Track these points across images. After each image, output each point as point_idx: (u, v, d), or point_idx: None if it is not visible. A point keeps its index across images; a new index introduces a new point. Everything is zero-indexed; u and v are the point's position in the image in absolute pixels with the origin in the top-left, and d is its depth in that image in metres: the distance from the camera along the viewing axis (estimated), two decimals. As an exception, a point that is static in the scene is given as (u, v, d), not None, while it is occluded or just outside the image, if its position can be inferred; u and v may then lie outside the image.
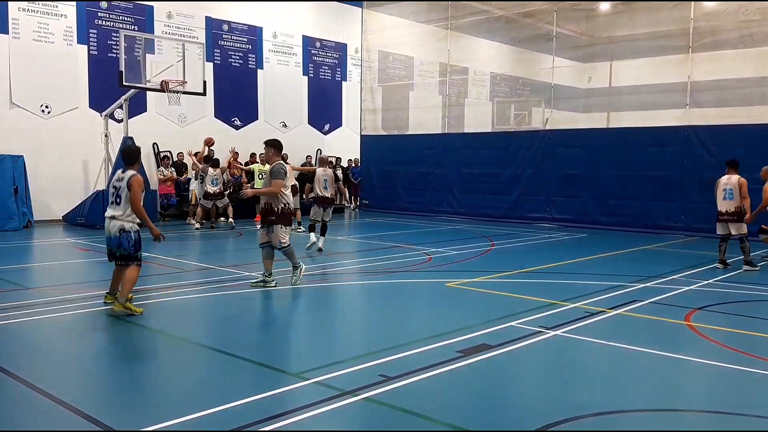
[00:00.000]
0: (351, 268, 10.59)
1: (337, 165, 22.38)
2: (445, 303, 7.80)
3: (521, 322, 6.59)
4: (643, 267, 10.39)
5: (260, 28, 20.92)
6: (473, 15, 20.46)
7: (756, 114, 14.72)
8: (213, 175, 15.37)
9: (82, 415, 4.11)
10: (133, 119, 16.24)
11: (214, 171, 15.46)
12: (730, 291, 8.55)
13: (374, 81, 22.40)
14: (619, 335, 6.19)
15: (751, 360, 5.47)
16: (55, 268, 10.07)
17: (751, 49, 15.32)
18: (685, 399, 4.79)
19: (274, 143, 8.34)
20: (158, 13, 18.30)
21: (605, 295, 8.02)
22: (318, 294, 8.35)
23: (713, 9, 16.20)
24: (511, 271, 9.87)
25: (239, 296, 7.87)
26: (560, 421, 4.09)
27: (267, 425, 3.95)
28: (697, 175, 15.09)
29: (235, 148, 17.60)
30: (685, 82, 15.62)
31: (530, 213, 17.84)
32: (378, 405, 4.33)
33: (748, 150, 14.42)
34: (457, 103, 21.52)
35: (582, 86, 19.33)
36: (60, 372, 5.14)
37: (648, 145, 15.74)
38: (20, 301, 7.36)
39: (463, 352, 5.48)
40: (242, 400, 4.34)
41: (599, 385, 4.95)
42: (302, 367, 5.07)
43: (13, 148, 15.08)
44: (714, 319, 7.04)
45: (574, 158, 17.05)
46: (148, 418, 4.06)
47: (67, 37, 16.61)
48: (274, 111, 21.31)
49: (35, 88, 16.04)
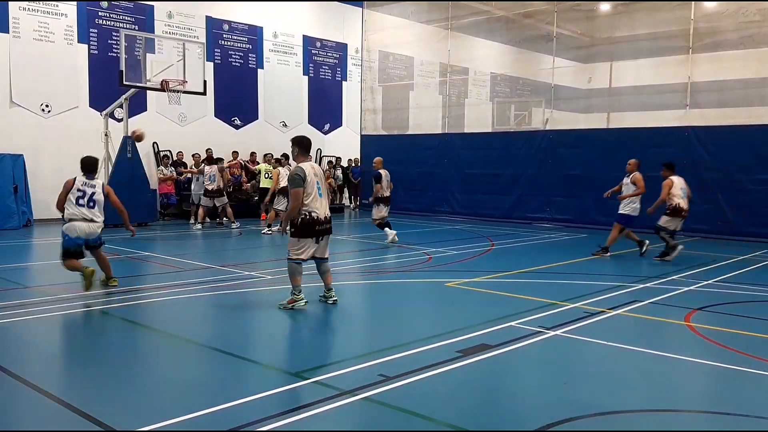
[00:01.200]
0: (351, 267, 10.59)
1: (337, 165, 22.42)
2: (444, 303, 7.80)
3: (521, 322, 6.59)
4: (643, 267, 10.39)
5: (260, 28, 20.92)
6: (473, 15, 20.47)
7: (756, 115, 14.72)
8: (210, 172, 15.34)
9: (82, 415, 4.11)
10: (133, 118, 16.25)
11: (210, 168, 15.43)
12: (729, 291, 8.54)
13: (374, 81, 22.40)
14: (618, 335, 6.19)
15: (750, 360, 5.47)
16: (55, 267, 10.05)
17: (752, 50, 15.31)
18: (685, 399, 4.79)
19: (300, 141, 7.20)
20: (159, 13, 18.31)
21: (605, 296, 8.02)
22: (318, 293, 8.34)
23: (713, 10, 16.19)
24: (511, 271, 9.87)
25: (239, 296, 7.87)
26: (560, 421, 4.09)
27: (267, 425, 3.94)
28: (697, 175, 15.06)
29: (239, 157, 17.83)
30: (685, 83, 15.61)
31: (530, 213, 17.84)
32: (378, 405, 4.33)
33: (748, 151, 14.44)
34: (457, 104, 21.53)
35: (582, 87, 19.32)
36: (60, 371, 5.14)
37: (648, 145, 15.72)
38: (20, 300, 7.36)
39: (463, 352, 5.48)
40: (242, 400, 4.34)
41: (599, 385, 4.95)
42: (302, 367, 5.07)
43: (13, 147, 15.09)
44: (714, 319, 7.03)
45: (574, 158, 17.04)
46: (148, 418, 4.06)
47: (68, 36, 16.62)
48: (274, 111, 21.31)
49: (35, 87, 16.04)
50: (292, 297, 7.07)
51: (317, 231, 6.97)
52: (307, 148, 7.21)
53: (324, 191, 7.05)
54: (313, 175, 6.92)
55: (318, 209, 6.94)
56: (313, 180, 6.91)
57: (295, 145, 7.17)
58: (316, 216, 6.92)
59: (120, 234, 13.65)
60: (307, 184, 6.87)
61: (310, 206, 6.89)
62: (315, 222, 6.91)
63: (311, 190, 6.89)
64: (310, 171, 6.94)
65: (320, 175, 7.10)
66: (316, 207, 6.93)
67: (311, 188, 6.88)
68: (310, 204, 6.89)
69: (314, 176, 6.94)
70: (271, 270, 9.49)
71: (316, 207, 6.92)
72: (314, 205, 6.91)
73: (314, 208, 6.91)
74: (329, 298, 7.37)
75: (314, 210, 6.91)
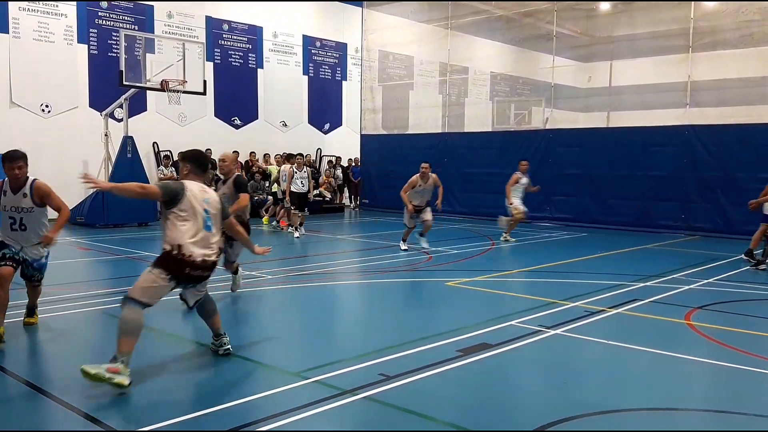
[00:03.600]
0: (351, 267, 10.60)
1: (336, 164, 22.41)
2: (445, 302, 7.80)
3: (521, 321, 6.59)
4: (643, 266, 10.39)
5: (260, 28, 20.92)
6: (473, 14, 20.46)
7: (756, 113, 14.71)
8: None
9: (82, 415, 4.12)
10: (133, 118, 16.25)
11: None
12: (730, 290, 8.54)
13: (374, 80, 22.39)
14: (619, 334, 6.19)
15: (751, 359, 5.46)
16: (55, 266, 10.03)
17: (752, 49, 15.31)
18: (685, 398, 4.79)
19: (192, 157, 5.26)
20: (158, 13, 18.31)
21: (605, 294, 8.02)
22: (318, 293, 8.34)
23: (713, 9, 16.19)
24: (511, 270, 9.86)
25: (238, 296, 7.86)
26: (560, 420, 4.09)
27: (267, 425, 3.95)
28: (696, 174, 15.10)
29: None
30: (685, 82, 15.61)
31: (530, 212, 17.80)
32: (378, 404, 4.33)
33: (748, 149, 14.44)
34: (457, 103, 21.52)
35: (582, 86, 19.31)
36: (60, 371, 5.14)
37: (648, 144, 15.74)
38: (20, 300, 7.35)
39: (463, 351, 5.48)
40: (242, 400, 4.34)
41: (599, 384, 4.95)
42: (302, 367, 5.07)
43: (13, 147, 14.87)
44: (714, 318, 7.03)
45: (574, 158, 17.04)
46: (148, 418, 4.06)
47: (68, 36, 16.62)
48: (274, 110, 21.31)
49: (35, 87, 16.04)
50: (113, 366, 4.46)
51: (185, 275, 4.82)
52: (201, 167, 5.20)
53: (216, 227, 5.00)
54: (198, 201, 4.88)
55: (195, 248, 4.78)
56: (198, 207, 4.86)
57: (186, 161, 5.19)
58: (190, 256, 4.75)
59: (120, 234, 13.67)
60: (185, 204, 4.82)
61: (184, 239, 4.75)
62: (185, 263, 4.76)
63: (190, 217, 4.82)
64: (197, 193, 4.93)
65: (214, 206, 5.03)
66: (195, 242, 4.80)
67: (192, 215, 4.82)
68: (185, 236, 4.76)
69: (202, 203, 4.90)
70: (271, 270, 9.49)
71: (193, 242, 4.79)
72: (191, 238, 4.79)
73: (189, 243, 4.77)
74: (221, 347, 5.33)
75: (188, 246, 4.76)
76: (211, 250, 4.94)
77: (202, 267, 4.88)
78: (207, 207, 4.97)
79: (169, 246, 4.79)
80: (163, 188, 4.90)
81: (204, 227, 4.90)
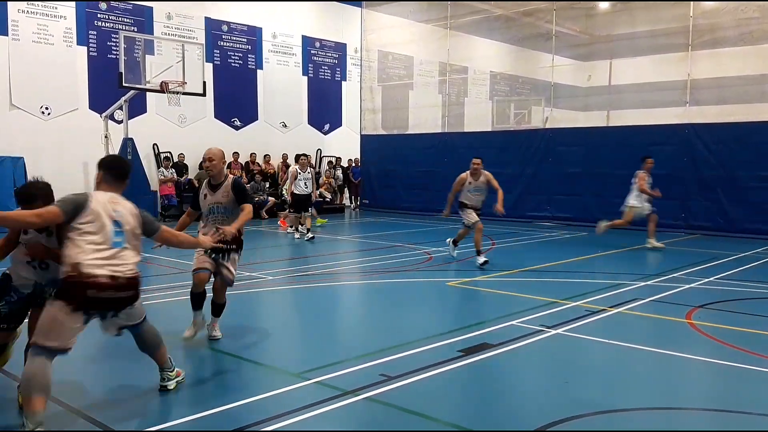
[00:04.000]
0: (351, 267, 10.59)
1: (337, 165, 22.41)
2: (445, 302, 7.80)
3: (522, 321, 6.58)
4: (644, 265, 10.38)
5: (260, 29, 20.92)
6: (473, 14, 20.46)
7: (756, 112, 14.71)
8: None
9: (82, 415, 4.11)
10: (133, 120, 16.26)
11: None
12: (730, 289, 8.54)
13: (374, 81, 22.39)
14: (619, 334, 6.19)
15: (752, 358, 5.46)
16: (56, 269, 10.06)
17: (751, 47, 15.31)
18: (686, 397, 4.79)
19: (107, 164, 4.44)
20: (158, 14, 18.30)
21: (606, 294, 8.02)
22: (318, 293, 8.34)
23: (713, 7, 16.19)
24: (512, 270, 9.86)
25: (238, 296, 7.86)
26: (561, 419, 4.09)
27: (267, 425, 3.95)
28: (696, 173, 15.09)
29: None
30: (684, 80, 15.60)
31: (530, 212, 17.81)
32: (379, 405, 4.33)
33: (748, 147, 14.43)
34: (456, 103, 21.51)
35: (582, 85, 19.32)
36: (59, 372, 5.12)
37: (648, 143, 15.70)
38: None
39: (464, 352, 5.48)
40: (242, 401, 4.34)
41: (600, 384, 4.95)
42: (302, 367, 5.07)
43: (13, 149, 15.08)
44: (715, 316, 7.03)
45: (574, 157, 17.03)
46: (148, 418, 4.06)
47: (67, 38, 16.61)
48: (273, 111, 21.30)
49: (35, 89, 16.03)
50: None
51: (91, 300, 3.91)
52: (118, 176, 4.39)
53: (130, 244, 4.14)
54: (107, 213, 4.06)
55: (97, 267, 3.89)
56: (105, 219, 4.03)
57: (100, 168, 4.38)
58: (89, 276, 3.85)
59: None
60: (88, 215, 4.00)
61: (82, 257, 3.88)
62: (85, 285, 3.86)
63: (94, 230, 3.98)
64: (105, 204, 4.11)
65: (127, 220, 4.18)
66: (97, 260, 3.92)
67: (96, 228, 3.99)
68: (85, 253, 3.90)
69: (111, 214, 4.08)
70: (272, 271, 9.49)
71: (94, 259, 3.91)
72: (93, 254, 3.92)
73: (89, 261, 3.88)
74: (168, 381, 4.58)
75: (88, 264, 3.87)
76: (123, 267, 3.99)
77: (113, 287, 3.91)
78: (118, 219, 4.10)
79: (67, 267, 3.88)
80: (62, 203, 3.98)
81: (111, 243, 4.00)
